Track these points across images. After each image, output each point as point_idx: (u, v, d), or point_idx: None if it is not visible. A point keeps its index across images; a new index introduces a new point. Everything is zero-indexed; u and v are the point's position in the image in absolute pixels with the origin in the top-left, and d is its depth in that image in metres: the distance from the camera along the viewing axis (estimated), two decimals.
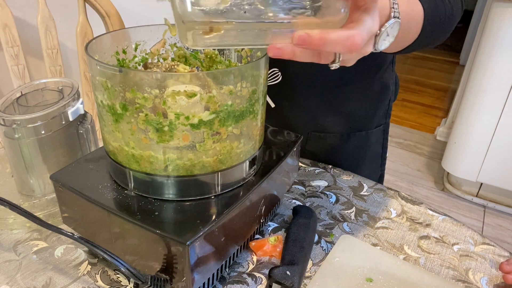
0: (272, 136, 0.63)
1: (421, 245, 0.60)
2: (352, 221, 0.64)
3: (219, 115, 0.44)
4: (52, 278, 0.51)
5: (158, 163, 0.45)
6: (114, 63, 0.53)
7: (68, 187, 0.49)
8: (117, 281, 0.51)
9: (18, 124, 0.56)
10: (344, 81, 0.77)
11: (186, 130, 0.43)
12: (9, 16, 0.99)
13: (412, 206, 0.69)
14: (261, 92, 0.49)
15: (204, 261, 0.44)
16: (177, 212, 0.46)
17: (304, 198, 0.69)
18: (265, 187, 0.53)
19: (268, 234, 0.60)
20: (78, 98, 0.62)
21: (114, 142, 0.47)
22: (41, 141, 0.58)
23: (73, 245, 0.57)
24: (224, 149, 0.46)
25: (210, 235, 0.44)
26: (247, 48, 0.56)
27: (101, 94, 0.45)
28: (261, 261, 0.56)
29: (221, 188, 0.49)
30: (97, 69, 0.43)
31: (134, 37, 0.55)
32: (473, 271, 0.56)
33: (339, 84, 0.78)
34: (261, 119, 0.51)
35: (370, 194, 0.71)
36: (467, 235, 0.63)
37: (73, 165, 0.52)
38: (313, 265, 0.55)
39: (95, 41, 0.49)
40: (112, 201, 0.47)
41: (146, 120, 0.43)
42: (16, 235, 0.58)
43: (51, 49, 1.04)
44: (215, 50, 0.58)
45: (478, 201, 2.08)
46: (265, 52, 0.49)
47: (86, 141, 0.64)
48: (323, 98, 0.79)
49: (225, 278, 0.53)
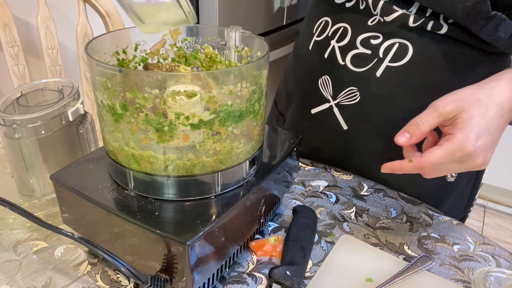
0: (272, 136, 0.63)
1: (421, 245, 0.60)
2: (352, 221, 0.64)
3: (219, 115, 0.44)
4: (52, 278, 0.51)
5: (158, 163, 0.45)
6: (114, 63, 0.53)
7: (68, 187, 0.49)
8: (117, 281, 0.51)
9: (18, 124, 0.56)
10: None
11: (186, 130, 0.43)
12: (9, 16, 0.99)
13: (412, 206, 0.69)
14: (261, 92, 0.49)
15: (204, 261, 0.44)
16: (177, 212, 0.46)
17: (304, 198, 0.69)
18: (265, 187, 0.53)
19: (268, 234, 0.60)
20: (78, 98, 0.62)
21: (114, 142, 0.47)
22: (41, 141, 0.58)
23: (73, 245, 0.57)
24: (224, 149, 0.46)
25: (210, 235, 0.44)
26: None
27: (101, 94, 0.45)
28: (261, 261, 0.56)
29: (221, 188, 0.49)
30: (97, 69, 0.43)
31: (134, 37, 0.55)
32: (473, 271, 0.56)
33: None
34: (261, 119, 0.51)
35: (370, 194, 0.71)
36: (467, 235, 0.63)
37: (73, 165, 0.52)
38: (313, 265, 0.55)
39: (95, 41, 0.49)
40: (112, 201, 0.47)
41: (146, 120, 0.43)
42: (16, 235, 0.58)
43: (51, 49, 1.04)
44: (215, 50, 0.58)
45: (478, 201, 2.08)
46: (265, 52, 0.49)
47: (86, 141, 0.64)
48: (404, 126, 0.68)
49: (225, 278, 0.53)
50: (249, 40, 0.56)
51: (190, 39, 0.58)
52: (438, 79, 0.65)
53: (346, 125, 0.72)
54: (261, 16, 1.62)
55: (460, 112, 0.49)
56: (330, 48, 0.71)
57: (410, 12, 0.63)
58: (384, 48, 0.65)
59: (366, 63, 0.67)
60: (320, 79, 0.73)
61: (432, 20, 0.62)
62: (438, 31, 0.62)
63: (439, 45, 0.63)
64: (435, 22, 0.62)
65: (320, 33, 0.74)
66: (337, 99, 0.71)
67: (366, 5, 0.66)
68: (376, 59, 0.66)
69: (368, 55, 0.67)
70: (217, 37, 0.58)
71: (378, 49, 0.66)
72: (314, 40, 0.75)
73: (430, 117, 0.50)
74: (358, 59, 0.68)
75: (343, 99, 0.71)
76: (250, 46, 0.56)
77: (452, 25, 0.61)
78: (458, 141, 0.47)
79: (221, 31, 0.57)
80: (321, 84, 0.73)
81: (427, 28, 0.62)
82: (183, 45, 0.58)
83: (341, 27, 0.70)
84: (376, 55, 0.66)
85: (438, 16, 0.62)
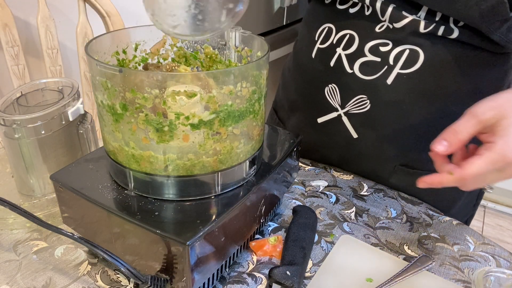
0: (272, 136, 0.63)
1: (421, 245, 0.60)
2: (352, 221, 0.64)
3: (219, 115, 0.44)
4: (52, 278, 0.51)
5: (158, 163, 0.45)
6: (114, 63, 0.53)
7: (68, 187, 0.49)
8: (117, 281, 0.51)
9: (18, 124, 0.56)
10: (447, 114, 0.65)
11: (186, 130, 0.43)
12: (9, 16, 0.99)
13: (412, 206, 0.69)
14: (261, 92, 0.49)
15: (204, 261, 0.44)
16: (177, 212, 0.46)
17: (304, 198, 0.69)
18: (265, 187, 0.53)
19: (268, 234, 0.60)
20: (78, 98, 0.62)
21: (114, 142, 0.47)
22: (41, 141, 0.58)
23: (73, 245, 0.57)
24: (224, 149, 0.46)
25: (210, 235, 0.44)
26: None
27: (101, 94, 0.45)
28: (261, 261, 0.56)
29: (221, 188, 0.49)
30: (97, 69, 0.43)
31: (134, 37, 0.55)
32: (473, 271, 0.56)
33: (442, 117, 0.66)
34: (261, 119, 0.51)
35: (370, 194, 0.71)
36: (467, 235, 0.63)
37: (73, 165, 0.52)
38: (313, 265, 0.55)
39: (95, 41, 0.49)
40: (112, 201, 0.47)
41: (146, 120, 0.43)
42: (16, 235, 0.58)
43: (51, 49, 1.04)
44: (215, 50, 0.58)
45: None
46: (265, 52, 0.49)
47: (86, 141, 0.64)
48: (419, 132, 0.68)
49: (225, 278, 0.53)
50: (249, 40, 0.56)
51: (190, 39, 0.58)
52: (450, 84, 0.64)
53: (356, 133, 0.71)
54: (261, 16, 1.62)
55: (500, 119, 0.47)
56: (336, 56, 0.69)
57: (420, 17, 0.61)
58: (395, 55, 0.64)
59: (376, 70, 0.66)
60: (326, 87, 0.71)
61: (443, 25, 0.61)
62: (449, 35, 0.61)
63: (450, 50, 0.62)
64: (446, 27, 0.61)
65: (323, 40, 0.72)
66: (346, 107, 0.70)
67: (372, 11, 0.65)
68: (386, 66, 0.65)
69: (377, 62, 0.65)
70: (217, 37, 0.57)
71: (388, 56, 0.65)
72: (318, 48, 0.73)
73: (469, 124, 0.48)
74: (367, 67, 0.66)
75: (353, 108, 0.69)
76: (250, 46, 0.56)
77: (463, 28, 0.60)
78: (500, 150, 0.46)
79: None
80: (328, 93, 0.71)
81: (438, 33, 0.61)
82: (183, 45, 0.58)
83: (347, 34, 0.68)
84: (386, 62, 0.65)
85: (448, 19, 0.61)
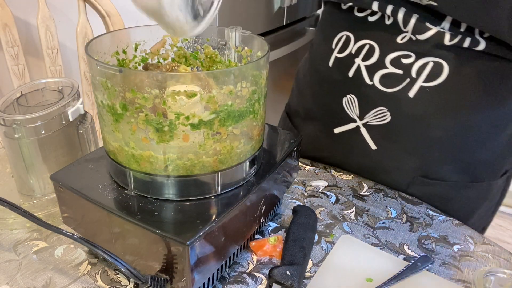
0: (272, 136, 0.63)
1: (421, 245, 0.60)
2: (352, 221, 0.64)
3: (219, 115, 0.44)
4: (52, 278, 0.51)
5: (158, 163, 0.45)
6: (114, 63, 0.53)
7: (68, 187, 0.49)
8: (117, 281, 0.51)
9: (18, 124, 0.56)
10: (470, 126, 0.64)
11: (186, 130, 0.43)
12: (9, 16, 0.99)
13: (412, 206, 0.69)
14: (261, 92, 0.49)
15: (204, 261, 0.44)
16: (177, 212, 0.46)
17: (304, 198, 0.69)
18: (265, 187, 0.53)
19: (268, 234, 0.60)
20: (78, 98, 0.62)
21: (114, 142, 0.47)
22: (41, 141, 0.58)
23: (73, 245, 0.57)
24: (224, 149, 0.46)
25: (210, 235, 0.44)
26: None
27: (101, 94, 0.45)
28: (261, 261, 0.56)
29: (221, 188, 0.49)
30: (97, 69, 0.43)
31: (134, 37, 0.55)
32: (473, 271, 0.56)
33: (464, 129, 0.65)
34: (261, 119, 0.51)
35: (370, 194, 0.71)
36: (467, 235, 0.63)
37: (73, 165, 0.52)
38: (313, 265, 0.55)
39: (95, 41, 0.49)
40: (112, 201, 0.47)
41: (146, 120, 0.43)
42: (16, 235, 0.58)
43: (51, 49, 1.04)
44: (215, 50, 0.58)
45: None
46: (265, 52, 0.49)
47: (86, 141, 0.64)
48: (441, 145, 0.67)
49: (225, 278, 0.53)
50: (249, 40, 0.56)
51: (190, 39, 0.58)
52: (474, 96, 0.62)
53: (375, 145, 0.70)
54: (261, 16, 1.62)
55: None
56: (355, 66, 0.67)
57: (444, 29, 0.59)
58: (418, 67, 0.62)
59: (397, 83, 0.64)
60: (345, 98, 0.70)
61: (469, 37, 0.58)
62: (475, 47, 0.59)
63: (476, 62, 0.60)
64: (472, 39, 0.58)
65: (341, 49, 0.70)
66: (364, 119, 0.68)
67: (393, 21, 0.62)
68: (408, 79, 0.63)
69: (399, 75, 0.63)
70: (217, 37, 0.57)
71: (411, 69, 0.63)
72: (335, 57, 0.71)
73: None
74: (387, 79, 0.65)
75: (372, 119, 0.68)
76: (250, 46, 0.56)
77: (489, 39, 0.58)
78: None
79: (221, 31, 0.57)
80: (346, 104, 0.70)
81: (464, 45, 0.59)
82: (183, 45, 0.58)
83: (366, 45, 0.66)
84: (408, 75, 0.63)
85: (473, 31, 0.59)
